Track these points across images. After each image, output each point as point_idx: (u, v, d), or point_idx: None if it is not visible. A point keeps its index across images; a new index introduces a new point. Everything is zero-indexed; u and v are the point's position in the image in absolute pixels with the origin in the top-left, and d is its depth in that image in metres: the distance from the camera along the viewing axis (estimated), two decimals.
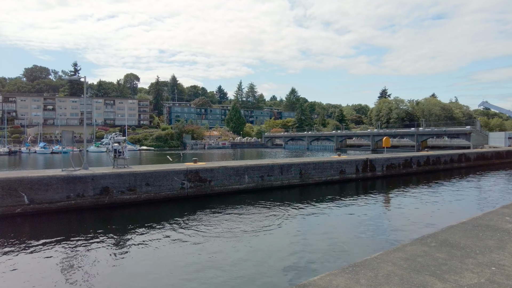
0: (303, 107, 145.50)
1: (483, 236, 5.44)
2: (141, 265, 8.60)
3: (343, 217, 13.95)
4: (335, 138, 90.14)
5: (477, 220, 6.44)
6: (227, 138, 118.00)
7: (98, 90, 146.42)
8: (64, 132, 14.92)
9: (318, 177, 21.80)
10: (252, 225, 12.06)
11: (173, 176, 16.09)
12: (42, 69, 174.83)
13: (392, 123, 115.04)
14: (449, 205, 16.03)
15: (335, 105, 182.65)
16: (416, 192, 19.59)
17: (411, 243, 5.10)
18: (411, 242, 5.17)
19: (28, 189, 13.00)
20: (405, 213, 14.37)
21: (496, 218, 6.58)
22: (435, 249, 4.79)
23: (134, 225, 12.35)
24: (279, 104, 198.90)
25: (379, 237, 10.60)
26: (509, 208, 7.83)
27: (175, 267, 8.45)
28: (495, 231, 5.71)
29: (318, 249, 9.50)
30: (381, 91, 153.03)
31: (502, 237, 5.43)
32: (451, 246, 4.91)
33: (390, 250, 4.72)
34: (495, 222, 6.30)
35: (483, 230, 5.75)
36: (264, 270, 8.10)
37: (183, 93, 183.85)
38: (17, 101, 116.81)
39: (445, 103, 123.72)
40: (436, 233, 5.56)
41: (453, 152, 33.95)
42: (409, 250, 4.72)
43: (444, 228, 5.97)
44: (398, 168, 26.81)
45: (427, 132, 67.89)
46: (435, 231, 5.74)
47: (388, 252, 4.63)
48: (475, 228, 5.90)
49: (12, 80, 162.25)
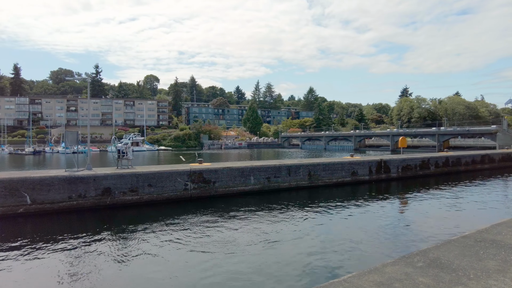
0: (321, 107, 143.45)
1: (483, 255, 4.66)
2: (141, 268, 8.45)
3: (353, 221, 13.22)
4: (353, 138, 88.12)
5: (482, 233, 5.61)
6: (244, 138, 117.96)
7: (119, 91, 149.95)
8: (67, 133, 14.99)
9: (328, 178, 21.08)
10: (256, 228, 11.70)
11: (176, 177, 15.87)
12: (67, 71, 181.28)
13: (414, 122, 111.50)
14: (467, 211, 14.93)
15: (355, 104, 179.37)
16: (432, 195, 18.53)
17: (393, 262, 4.42)
18: (394, 261, 4.47)
19: (31, 189, 13.10)
20: (416, 218, 13.53)
21: (505, 231, 5.72)
22: (421, 271, 4.09)
23: (135, 226, 12.20)
24: (297, 103, 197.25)
25: (384, 246, 9.92)
26: None
27: (176, 270, 8.26)
28: (500, 249, 4.90)
29: (319, 256, 8.99)
30: (402, 89, 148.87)
31: (507, 256, 4.62)
32: (441, 268, 4.20)
33: (365, 271, 4.05)
34: (503, 236, 5.46)
35: (486, 247, 4.97)
36: (267, 278, 7.74)
37: (202, 94, 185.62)
38: (43, 102, 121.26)
39: (470, 102, 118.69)
40: (428, 250, 4.83)
41: (475, 153, 32.18)
42: (388, 272, 4.06)
43: (440, 243, 5.21)
44: (414, 170, 25.63)
45: (449, 132, 65.09)
46: (428, 247, 5.00)
47: (362, 274, 4.00)
48: (477, 243, 5.12)
49: (40, 83, 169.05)
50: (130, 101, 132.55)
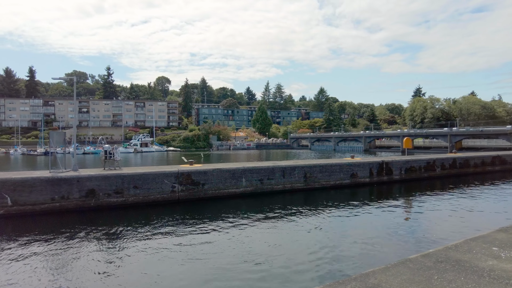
0: (332, 107, 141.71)
1: (436, 282, 3.84)
2: (122, 272, 8.19)
3: (348, 226, 12.54)
4: (363, 139, 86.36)
5: (448, 251, 4.81)
6: (253, 139, 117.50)
7: (130, 93, 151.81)
8: (53, 133, 14.79)
9: (326, 180, 20.36)
10: (243, 232, 11.32)
11: (162, 178, 15.49)
12: (81, 73, 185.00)
13: (427, 123, 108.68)
14: (470, 216, 13.92)
15: (367, 104, 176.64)
16: (436, 199, 17.58)
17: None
18: (322, 287, 3.81)
19: (11, 191, 12.91)
20: (415, 223, 12.80)
21: (477, 249, 4.91)
22: None
23: (118, 229, 11.90)
24: (308, 104, 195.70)
25: (380, 253, 9.26)
26: (508, 232, 5.88)
27: (157, 274, 7.98)
28: (461, 273, 4.09)
29: (310, 263, 8.49)
30: (415, 89, 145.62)
31: (465, 284, 3.77)
32: None
33: None
34: (473, 255, 4.66)
35: (445, 270, 4.16)
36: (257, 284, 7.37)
37: (213, 95, 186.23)
38: (56, 104, 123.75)
39: (486, 102, 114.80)
40: (371, 273, 4.08)
41: (486, 154, 30.77)
42: None
43: (390, 264, 4.42)
44: (419, 172, 24.61)
45: (461, 133, 62.90)
46: (373, 269, 4.27)
47: None
48: (436, 265, 4.32)
49: (55, 85, 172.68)
50: (140, 103, 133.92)
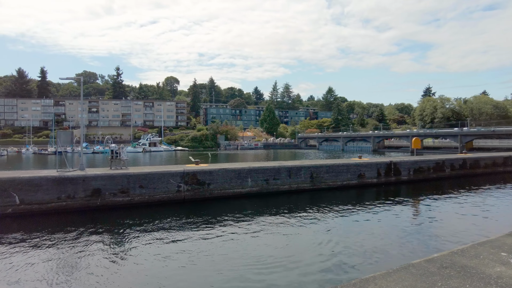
0: (340, 107, 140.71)
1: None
2: (127, 272, 8.19)
3: (355, 227, 12.32)
4: (372, 139, 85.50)
5: (453, 256, 4.58)
6: (261, 138, 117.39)
7: (139, 93, 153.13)
8: (60, 133, 14.95)
9: (332, 181, 20.16)
10: (248, 232, 11.22)
11: (168, 178, 15.51)
12: (91, 74, 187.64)
13: (437, 123, 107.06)
14: (478, 220, 13.58)
15: (376, 104, 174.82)
16: (444, 200, 17.25)
17: None
18: None
19: (19, 190, 13.06)
20: (422, 225, 12.51)
21: (484, 254, 4.68)
22: None
23: (123, 229, 11.91)
24: (316, 104, 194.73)
25: (384, 257, 9.09)
26: None
27: (162, 274, 7.96)
28: (466, 279, 3.89)
29: (313, 266, 8.37)
30: (425, 89, 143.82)
31: None
32: None
33: None
34: (479, 261, 4.44)
35: (450, 276, 3.93)
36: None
37: (221, 95, 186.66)
38: (66, 104, 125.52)
39: (498, 101, 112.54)
40: (371, 279, 3.92)
41: (497, 155, 30.13)
42: None
43: (391, 269, 4.24)
44: (427, 172, 24.21)
45: (472, 133, 61.74)
46: (372, 275, 4.10)
47: None
48: (441, 271, 4.12)
49: (65, 85, 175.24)
50: (149, 102, 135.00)
